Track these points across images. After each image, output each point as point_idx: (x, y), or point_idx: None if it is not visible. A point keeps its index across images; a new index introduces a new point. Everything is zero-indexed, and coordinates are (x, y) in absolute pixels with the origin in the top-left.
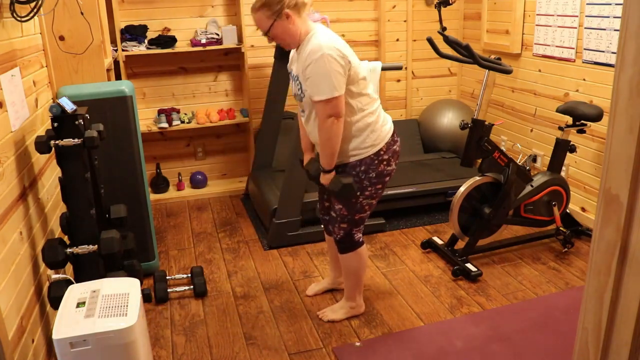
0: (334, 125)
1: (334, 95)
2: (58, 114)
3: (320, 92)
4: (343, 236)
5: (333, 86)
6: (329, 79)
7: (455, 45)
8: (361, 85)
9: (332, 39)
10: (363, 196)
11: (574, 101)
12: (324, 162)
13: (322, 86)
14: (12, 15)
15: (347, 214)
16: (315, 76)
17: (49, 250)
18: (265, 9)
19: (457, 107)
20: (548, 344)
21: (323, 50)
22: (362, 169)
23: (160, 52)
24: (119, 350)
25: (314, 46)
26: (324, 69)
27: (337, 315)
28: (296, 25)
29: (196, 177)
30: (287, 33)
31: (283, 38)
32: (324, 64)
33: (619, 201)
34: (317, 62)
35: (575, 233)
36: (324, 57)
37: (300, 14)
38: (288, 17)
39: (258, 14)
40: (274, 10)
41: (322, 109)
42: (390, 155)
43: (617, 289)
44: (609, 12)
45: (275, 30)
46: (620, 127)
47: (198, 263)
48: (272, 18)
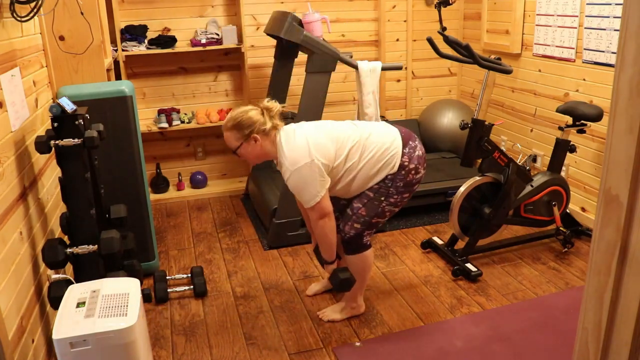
0: (327, 224)
1: (317, 200)
2: (58, 114)
3: (305, 200)
4: (353, 236)
5: (312, 194)
6: (306, 190)
7: (455, 45)
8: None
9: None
10: (387, 202)
11: (574, 101)
12: (324, 255)
13: (304, 195)
14: (12, 15)
15: (365, 215)
16: (295, 189)
17: (49, 250)
18: (235, 131)
19: (457, 107)
20: (548, 344)
21: (290, 169)
22: (389, 177)
23: (160, 52)
24: (119, 350)
25: (284, 166)
26: (299, 183)
27: (337, 315)
28: (263, 147)
29: (196, 177)
30: (253, 154)
31: (248, 158)
32: (298, 179)
33: (619, 201)
34: (291, 179)
35: (575, 233)
36: (295, 173)
37: (269, 136)
38: (256, 140)
39: (227, 133)
40: (243, 134)
41: (312, 213)
42: (416, 162)
43: (617, 289)
44: (609, 12)
45: (242, 150)
46: (620, 127)
47: (198, 263)
48: (240, 140)
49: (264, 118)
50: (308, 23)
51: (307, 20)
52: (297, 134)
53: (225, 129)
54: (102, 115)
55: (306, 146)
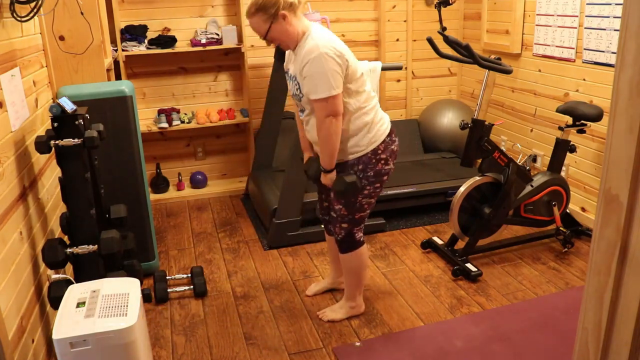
0: (333, 124)
1: (332, 94)
2: (58, 114)
3: (318, 91)
4: (344, 236)
5: (330, 85)
6: (326, 78)
7: (455, 45)
8: (359, 82)
9: (329, 37)
10: (362, 195)
11: (574, 101)
12: (324, 162)
13: (319, 85)
14: (12, 15)
15: (347, 214)
16: (313, 75)
17: (49, 250)
18: (261, 13)
19: (457, 107)
20: (548, 344)
21: (320, 49)
22: (360, 167)
23: (160, 52)
24: (119, 350)
25: (310, 45)
26: (321, 68)
27: (337, 315)
28: (293, 26)
29: (196, 177)
30: (285, 34)
31: (281, 39)
32: (321, 63)
33: (619, 201)
34: (314, 61)
35: (575, 233)
36: (321, 56)
37: (296, 13)
38: (284, 18)
39: (254, 19)
40: (269, 14)
41: (320, 108)
42: (388, 154)
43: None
44: (609, 12)
45: (273, 33)
46: (620, 127)
47: (198, 263)
48: (268, 21)
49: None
50: None
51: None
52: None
53: (250, 15)
54: (102, 115)
55: (334, 39)
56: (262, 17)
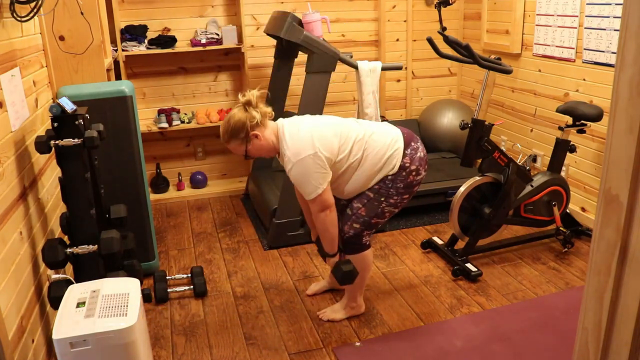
0: (328, 216)
1: (318, 192)
2: (58, 114)
3: (307, 193)
4: (352, 236)
5: (314, 186)
6: (307, 181)
7: (455, 45)
8: (343, 147)
9: (298, 140)
10: (387, 202)
11: (574, 101)
12: (326, 248)
13: (306, 188)
14: (12, 15)
15: (365, 215)
16: (297, 181)
17: (49, 250)
18: (233, 139)
19: (457, 107)
20: (548, 344)
21: (293, 160)
22: (390, 178)
23: (160, 52)
24: (119, 350)
25: (286, 157)
26: (300, 175)
27: (338, 315)
28: (266, 139)
29: (196, 177)
30: (262, 149)
31: (261, 154)
32: (299, 170)
33: (619, 201)
34: (292, 170)
35: (575, 233)
36: (297, 165)
37: (265, 125)
38: (257, 136)
39: (230, 145)
40: (241, 138)
41: (313, 205)
42: (418, 164)
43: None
44: (609, 12)
45: (252, 152)
46: (620, 127)
47: (198, 263)
48: (243, 144)
49: (249, 113)
50: (308, 23)
51: (307, 20)
52: (301, 126)
53: (226, 143)
54: (102, 115)
55: (310, 138)
56: (236, 142)
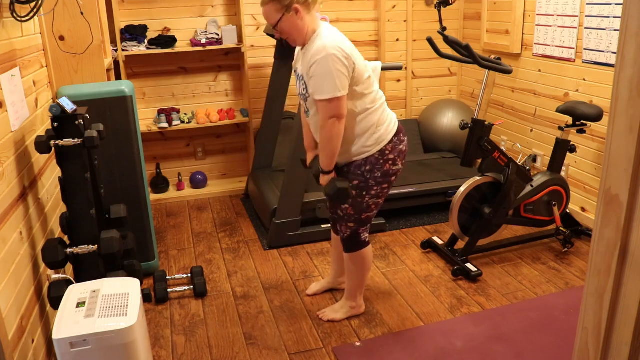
0: (335, 126)
1: (337, 95)
2: (58, 114)
3: (323, 91)
4: (350, 235)
5: (336, 86)
6: (332, 79)
7: (455, 45)
8: (365, 85)
9: (338, 39)
10: (369, 195)
11: (574, 101)
12: (323, 164)
13: (325, 85)
14: (12, 15)
15: (354, 214)
16: (319, 75)
17: (49, 250)
18: (275, 2)
19: (457, 107)
20: (548, 344)
21: (327, 50)
22: (367, 168)
23: (160, 52)
24: (119, 350)
25: (318, 45)
26: (327, 69)
27: (338, 315)
28: (304, 22)
29: (196, 177)
30: (294, 28)
31: (290, 33)
32: (328, 64)
33: (619, 201)
34: (321, 62)
35: (575, 233)
36: (328, 57)
37: (310, 10)
38: (297, 12)
39: (267, 7)
40: (283, 4)
41: (324, 108)
42: (397, 154)
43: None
44: (609, 12)
45: (284, 24)
46: (620, 127)
47: (198, 263)
48: (281, 12)
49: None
50: None
51: None
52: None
53: (264, 3)
54: (102, 115)
55: (349, 44)
56: (275, 6)
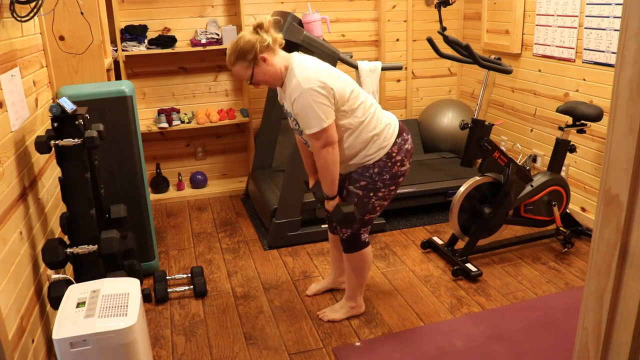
0: (330, 154)
1: (323, 126)
2: (58, 114)
3: (310, 125)
4: (350, 235)
5: (320, 118)
6: (314, 113)
7: (455, 45)
8: (351, 101)
9: (309, 70)
10: (376, 197)
11: (574, 101)
12: (325, 190)
13: (310, 120)
14: (12, 15)
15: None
16: (302, 112)
17: (49, 250)
18: (241, 61)
19: (457, 107)
20: (548, 344)
21: (302, 87)
22: (375, 170)
23: (160, 52)
24: (119, 350)
25: (294, 84)
26: (307, 104)
27: (338, 315)
28: (274, 65)
29: (196, 177)
30: (268, 75)
31: (266, 81)
32: (307, 100)
33: (619, 201)
34: (300, 99)
35: (575, 233)
36: (305, 93)
37: (275, 51)
38: (264, 60)
39: (236, 67)
40: (249, 60)
41: (315, 140)
42: (404, 155)
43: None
44: (609, 12)
45: (257, 77)
46: (620, 127)
47: (198, 263)
48: (250, 67)
49: (260, 35)
50: (308, 23)
51: (307, 20)
52: (316, 61)
53: (231, 64)
54: (102, 115)
55: (323, 70)
56: (242, 65)
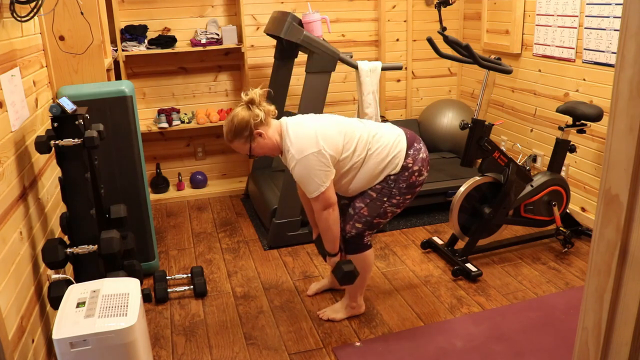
0: (330, 215)
1: (321, 191)
2: (58, 114)
3: (310, 191)
4: (354, 235)
5: (317, 184)
6: (311, 180)
7: (455, 45)
8: (347, 145)
9: (302, 137)
10: (389, 203)
11: (574, 101)
12: (327, 247)
13: (308, 187)
14: (12, 15)
15: (367, 215)
16: (300, 179)
17: (49, 250)
18: (238, 139)
19: (457, 107)
20: (548, 344)
21: (296, 157)
22: (392, 178)
23: (160, 52)
24: (119, 350)
25: (290, 154)
26: (304, 172)
27: (338, 315)
28: (271, 137)
29: (196, 177)
30: (266, 147)
31: (265, 152)
32: (303, 169)
33: (619, 201)
34: (296, 168)
35: (575, 233)
36: (300, 162)
37: (269, 123)
38: (260, 135)
39: (234, 144)
40: (245, 137)
41: (316, 203)
42: (420, 165)
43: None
44: (609, 12)
45: (255, 150)
46: (620, 127)
47: (198, 263)
48: (247, 143)
49: (252, 111)
50: (308, 23)
51: (307, 20)
52: (305, 124)
53: (230, 142)
54: (102, 115)
55: (314, 136)
56: (240, 141)
